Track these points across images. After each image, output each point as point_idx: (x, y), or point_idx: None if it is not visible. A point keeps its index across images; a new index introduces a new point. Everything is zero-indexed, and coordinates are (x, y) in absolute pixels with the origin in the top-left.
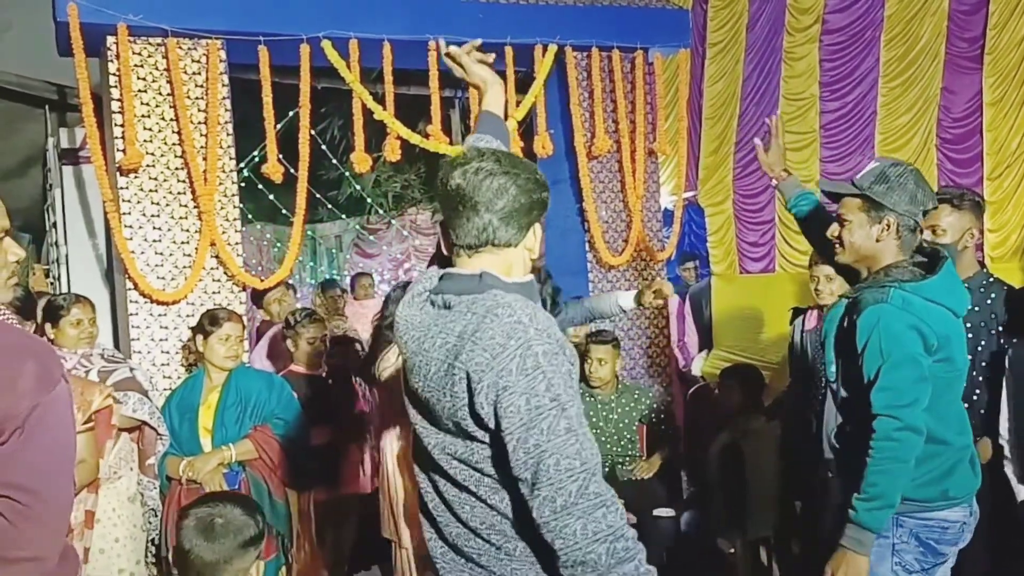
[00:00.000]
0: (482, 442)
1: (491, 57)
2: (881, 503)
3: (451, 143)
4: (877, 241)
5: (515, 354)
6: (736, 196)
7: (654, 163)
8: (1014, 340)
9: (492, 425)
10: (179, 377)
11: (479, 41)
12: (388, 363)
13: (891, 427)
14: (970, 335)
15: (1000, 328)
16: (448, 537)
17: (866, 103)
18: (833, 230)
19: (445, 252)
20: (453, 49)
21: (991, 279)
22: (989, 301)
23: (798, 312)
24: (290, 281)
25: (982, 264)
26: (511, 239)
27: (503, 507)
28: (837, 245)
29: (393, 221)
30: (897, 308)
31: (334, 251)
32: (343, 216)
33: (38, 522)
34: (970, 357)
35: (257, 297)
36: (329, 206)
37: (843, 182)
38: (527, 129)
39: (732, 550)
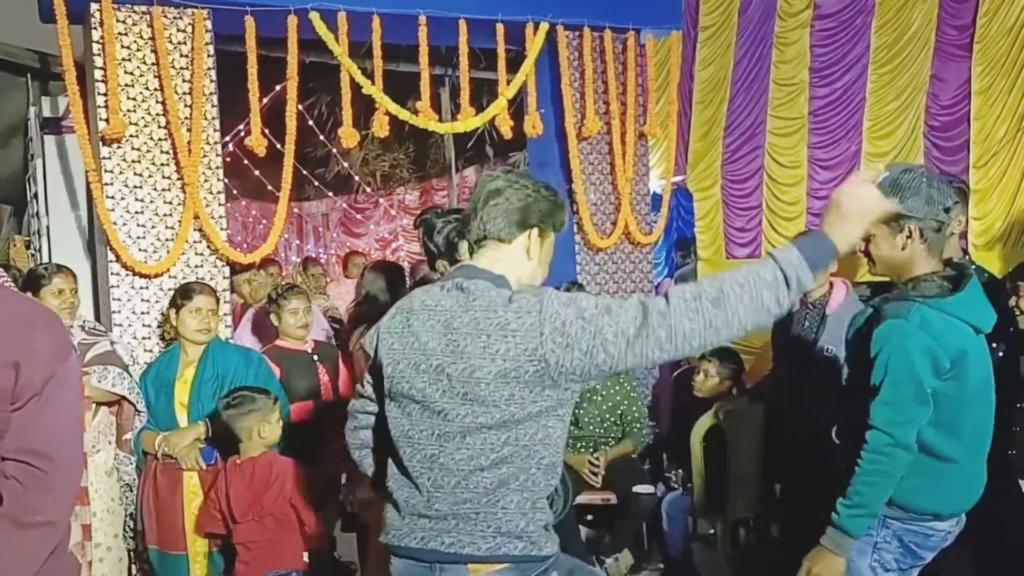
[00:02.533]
0: (523, 394)
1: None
2: (863, 511)
3: (440, 120)
4: (903, 250)
5: (552, 301)
6: (724, 181)
7: (644, 146)
8: (993, 344)
9: (570, 360)
10: (161, 351)
11: None
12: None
13: (883, 442)
14: None
15: None
16: (438, 510)
17: (855, 89)
18: (859, 247)
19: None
20: None
21: (973, 267)
22: None
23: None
24: (276, 258)
25: (965, 251)
26: (502, 234)
27: (518, 458)
28: (868, 262)
29: (381, 200)
30: (914, 326)
31: (320, 229)
32: (330, 194)
33: (53, 488)
34: None
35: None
36: (316, 183)
37: None
38: (517, 109)
39: (712, 531)
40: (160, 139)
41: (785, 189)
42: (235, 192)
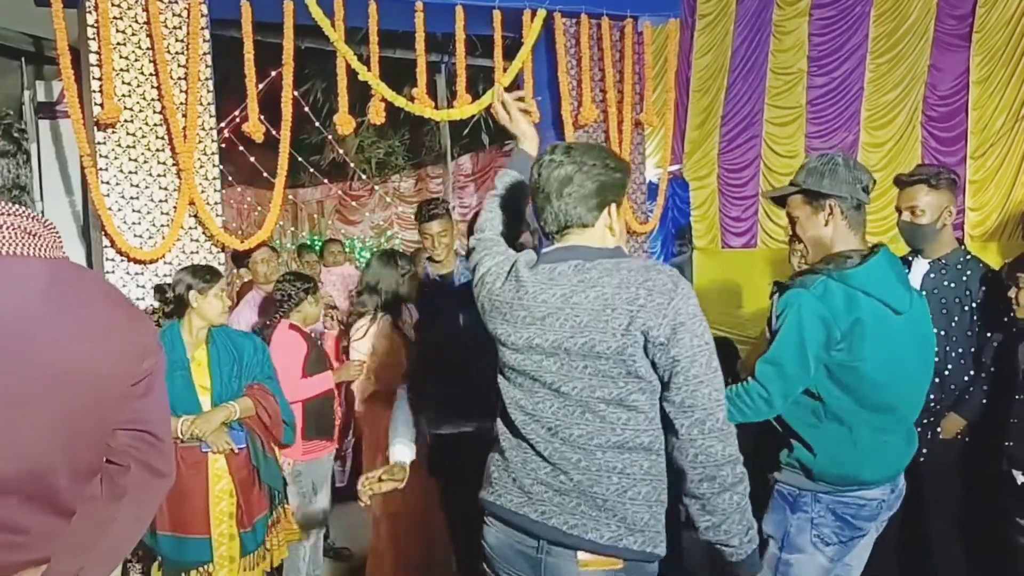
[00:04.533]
0: (637, 377)
1: (535, 112)
2: None
3: (436, 107)
4: (826, 226)
5: (685, 299)
6: (721, 170)
7: (640, 135)
8: (988, 334)
9: (659, 357)
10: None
11: (523, 93)
12: (359, 330)
13: (757, 391)
14: (944, 311)
15: (974, 305)
16: (564, 483)
17: (853, 79)
18: (789, 230)
19: (543, 237)
20: (506, 97)
21: (968, 256)
22: (965, 278)
23: (779, 286)
24: (273, 245)
25: (960, 242)
26: (584, 220)
27: (639, 442)
28: (800, 246)
29: (376, 188)
30: (813, 296)
31: (316, 216)
32: (325, 181)
33: (163, 450)
34: (942, 332)
35: (238, 258)
36: (311, 170)
37: (784, 187)
38: None
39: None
40: (155, 124)
41: (782, 178)
42: (230, 178)
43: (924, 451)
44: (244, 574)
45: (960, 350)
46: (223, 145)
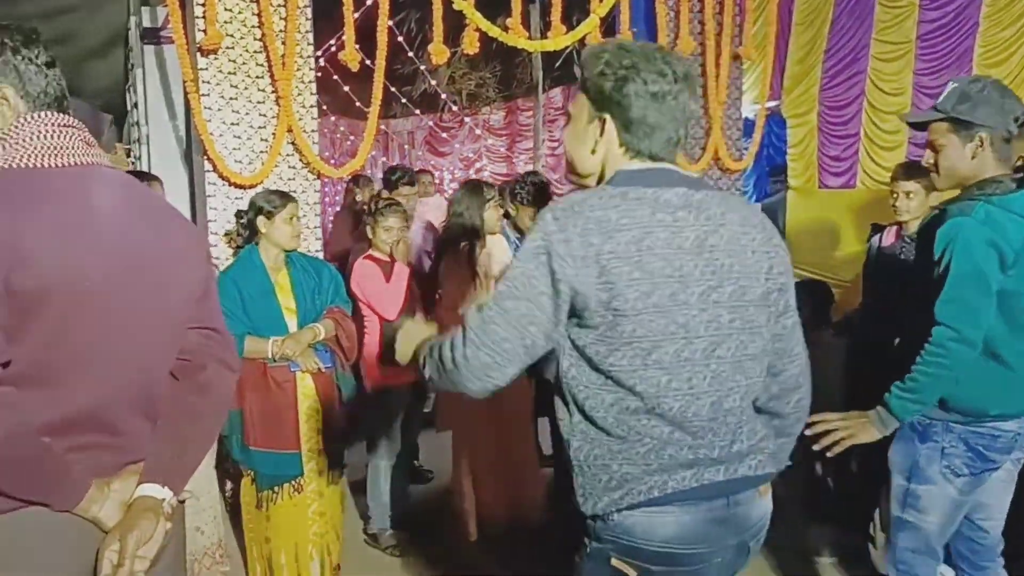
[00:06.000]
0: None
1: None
2: (913, 398)
3: (530, 38)
4: (973, 158)
5: None
6: (821, 108)
7: (738, 68)
8: None
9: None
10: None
11: None
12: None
13: (947, 336)
14: None
15: None
16: (735, 446)
17: (968, 13)
18: (928, 158)
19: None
20: None
21: None
22: None
23: (877, 229)
24: (367, 174)
25: None
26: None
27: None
28: (933, 173)
29: (466, 119)
30: (977, 222)
31: (406, 147)
32: (416, 112)
33: (229, 345)
34: None
35: (387, 183)
36: (404, 101)
37: (927, 111)
38: (609, 27)
39: (789, 462)
40: (255, 52)
41: (886, 117)
42: (324, 107)
43: None
44: (330, 487)
45: None
46: (318, 74)
